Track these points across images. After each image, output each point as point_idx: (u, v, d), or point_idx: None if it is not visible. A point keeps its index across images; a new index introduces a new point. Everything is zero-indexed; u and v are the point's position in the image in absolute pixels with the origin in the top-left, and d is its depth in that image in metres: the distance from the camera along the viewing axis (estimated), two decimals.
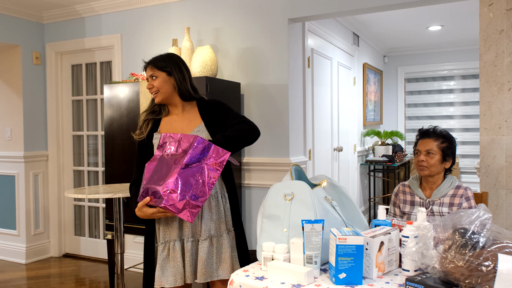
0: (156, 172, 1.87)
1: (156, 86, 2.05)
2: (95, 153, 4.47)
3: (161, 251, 1.98)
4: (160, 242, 2.00)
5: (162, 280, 1.94)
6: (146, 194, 1.86)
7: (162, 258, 1.98)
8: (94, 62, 4.43)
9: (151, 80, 2.07)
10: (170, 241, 1.98)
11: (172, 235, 1.98)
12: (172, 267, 1.96)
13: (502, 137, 2.70)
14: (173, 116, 2.11)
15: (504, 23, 2.67)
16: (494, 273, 1.18)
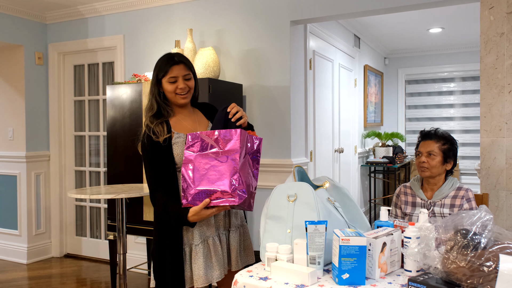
0: (203, 174, 1.84)
1: (190, 86, 2.02)
2: (97, 154, 4.49)
3: (201, 249, 1.93)
4: (196, 242, 1.93)
5: (208, 277, 1.93)
6: (200, 197, 1.83)
7: (204, 256, 1.93)
8: (96, 63, 4.45)
9: (184, 80, 1.99)
10: (209, 238, 1.97)
11: (210, 231, 1.98)
12: (216, 261, 1.96)
13: (503, 139, 2.72)
14: (179, 117, 2.06)
15: (505, 26, 2.69)
16: (496, 273, 1.20)
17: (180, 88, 1.98)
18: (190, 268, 1.94)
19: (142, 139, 1.99)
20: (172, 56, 2.01)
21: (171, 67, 1.98)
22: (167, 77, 1.97)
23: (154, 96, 2.01)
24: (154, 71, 2.02)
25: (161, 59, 2.03)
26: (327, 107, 4.47)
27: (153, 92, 2.01)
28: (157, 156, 1.94)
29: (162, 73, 1.98)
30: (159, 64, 2.02)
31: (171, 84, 1.98)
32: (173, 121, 2.03)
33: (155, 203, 1.93)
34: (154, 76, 2.01)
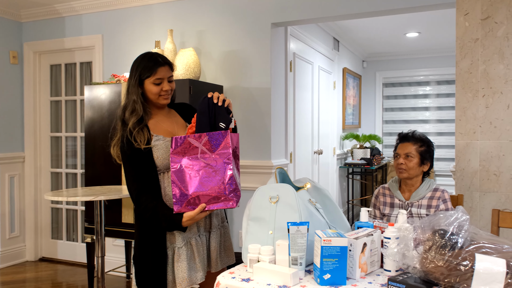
0: (195, 178, 1.82)
1: (173, 88, 1.99)
2: (74, 155, 4.41)
3: (184, 251, 1.91)
4: (179, 245, 1.91)
5: (192, 279, 1.91)
6: (194, 202, 1.82)
7: (187, 258, 1.91)
8: (73, 63, 4.38)
9: (169, 82, 1.96)
10: (191, 239, 1.95)
11: (192, 232, 1.96)
12: (199, 262, 1.95)
13: (477, 141, 2.80)
14: (157, 119, 2.01)
15: (479, 32, 2.77)
16: (472, 272, 1.24)
17: (165, 90, 1.95)
18: (172, 271, 1.92)
19: (122, 144, 1.92)
20: (156, 57, 1.95)
21: (157, 68, 1.93)
22: (152, 78, 1.92)
23: (138, 98, 1.92)
24: (136, 70, 1.94)
25: (143, 58, 1.96)
26: (306, 109, 4.51)
27: (135, 94, 1.93)
28: (139, 161, 1.90)
29: (147, 74, 1.92)
30: (142, 64, 1.94)
31: (156, 86, 1.93)
32: (151, 123, 1.98)
33: (142, 207, 1.88)
34: (136, 77, 1.93)
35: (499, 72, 2.73)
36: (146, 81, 1.94)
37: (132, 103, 1.93)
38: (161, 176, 1.95)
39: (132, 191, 1.90)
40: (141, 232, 1.95)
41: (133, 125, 1.90)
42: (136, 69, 1.94)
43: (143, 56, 1.98)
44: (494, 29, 2.74)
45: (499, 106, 2.74)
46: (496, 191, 2.74)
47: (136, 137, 1.88)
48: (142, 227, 1.94)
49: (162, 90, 1.95)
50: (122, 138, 1.92)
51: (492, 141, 2.76)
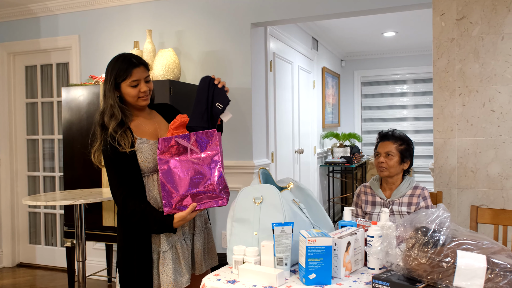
0: (184, 178, 1.81)
1: (150, 88, 1.96)
2: (52, 158, 4.33)
3: (169, 255, 1.89)
4: (164, 249, 1.89)
5: (178, 283, 1.90)
6: (185, 202, 1.82)
7: (173, 262, 1.89)
8: (50, 64, 4.29)
9: (146, 83, 1.92)
10: (177, 242, 1.94)
11: (177, 235, 1.95)
12: (185, 266, 1.94)
13: (454, 139, 2.86)
14: (139, 121, 1.97)
15: (455, 32, 2.83)
16: (454, 268, 1.26)
17: (143, 92, 1.91)
18: (157, 275, 1.90)
19: (104, 148, 1.87)
20: (130, 58, 1.90)
21: (132, 70, 1.88)
22: (128, 81, 1.88)
23: (115, 103, 1.88)
24: (110, 74, 1.88)
25: (117, 61, 1.90)
26: (287, 108, 4.53)
27: (112, 98, 1.87)
28: (124, 165, 1.86)
29: (123, 77, 1.87)
30: (116, 66, 1.88)
31: (133, 88, 1.89)
32: (133, 126, 1.94)
33: (129, 211, 1.84)
34: (111, 81, 1.87)
35: (474, 71, 2.80)
36: (123, 84, 1.89)
37: (110, 107, 1.87)
38: (145, 179, 1.92)
39: (118, 195, 1.86)
40: (125, 236, 1.91)
41: (114, 129, 1.85)
42: (111, 73, 1.89)
43: (116, 58, 1.92)
44: (469, 29, 2.80)
45: (475, 104, 2.80)
46: (473, 188, 2.81)
47: (119, 141, 1.84)
48: (127, 231, 1.91)
49: (140, 91, 1.91)
50: (105, 143, 1.87)
51: (468, 139, 2.82)
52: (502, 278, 1.22)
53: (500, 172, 2.75)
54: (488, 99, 2.78)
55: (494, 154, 2.77)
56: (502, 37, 2.74)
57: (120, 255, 1.93)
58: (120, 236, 1.94)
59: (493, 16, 2.75)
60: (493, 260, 1.25)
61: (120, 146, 1.84)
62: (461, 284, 1.24)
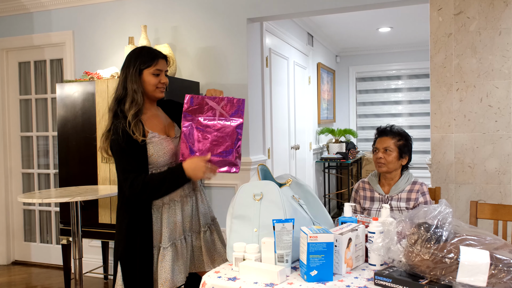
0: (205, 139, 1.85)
1: (167, 83, 2.01)
2: (46, 155, 4.28)
3: (169, 252, 1.89)
4: (164, 245, 1.89)
5: (174, 281, 1.89)
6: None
7: (171, 259, 1.89)
8: (43, 60, 4.24)
9: (164, 75, 1.98)
10: (177, 240, 1.94)
11: (178, 233, 1.95)
12: (182, 264, 1.94)
13: (451, 134, 2.86)
14: (149, 115, 1.99)
15: (452, 27, 2.83)
16: (457, 264, 1.26)
17: (163, 83, 1.96)
18: (156, 270, 1.90)
19: (116, 135, 1.85)
20: (155, 49, 1.99)
21: (158, 59, 1.94)
22: (152, 68, 1.92)
23: (138, 88, 1.90)
24: (135, 60, 1.93)
25: (143, 50, 1.97)
26: (283, 104, 4.51)
27: (136, 83, 1.90)
28: (134, 152, 1.85)
29: (148, 63, 1.92)
30: (142, 54, 1.94)
31: (154, 77, 1.94)
32: (144, 119, 1.95)
33: (141, 185, 1.80)
34: (136, 66, 1.91)
35: (472, 66, 2.80)
36: (145, 71, 1.93)
37: (132, 93, 1.90)
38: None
39: (126, 179, 1.83)
40: (129, 231, 1.89)
41: (132, 117, 1.86)
42: (136, 59, 1.94)
43: (141, 48, 2.00)
44: (467, 24, 2.80)
45: (473, 100, 2.80)
46: (471, 183, 2.82)
47: (134, 130, 1.84)
48: (130, 225, 1.89)
49: (160, 82, 1.95)
50: (116, 129, 1.85)
51: (466, 134, 2.82)
52: (506, 274, 1.22)
53: (497, 167, 2.76)
54: (485, 94, 2.78)
55: (492, 149, 2.77)
56: (499, 32, 2.73)
57: (123, 249, 1.90)
58: (122, 232, 1.92)
59: (490, 11, 2.75)
60: (496, 256, 1.25)
61: (134, 134, 1.84)
62: (465, 280, 1.23)
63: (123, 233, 1.92)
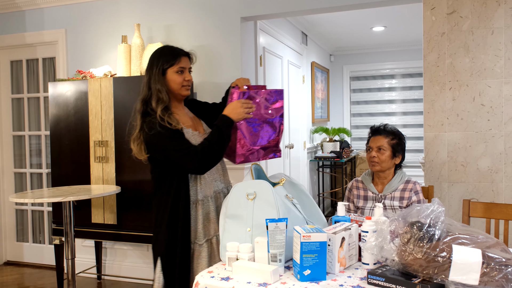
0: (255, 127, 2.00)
1: (192, 81, 2.05)
2: (39, 154, 4.25)
3: (205, 249, 1.95)
4: (200, 241, 1.95)
5: None
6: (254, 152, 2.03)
7: (207, 256, 1.95)
8: (36, 58, 4.21)
9: (189, 73, 2.01)
10: (213, 237, 1.98)
11: (213, 230, 2.00)
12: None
13: (444, 133, 2.87)
14: (178, 112, 2.02)
15: (445, 26, 2.84)
16: (449, 263, 1.26)
17: (187, 80, 1.98)
18: (193, 267, 1.94)
19: (154, 131, 1.86)
20: (177, 47, 2.01)
21: (180, 57, 1.97)
22: (176, 67, 1.95)
23: (163, 88, 1.93)
24: (158, 60, 1.96)
25: (164, 49, 2.00)
26: None
27: (160, 83, 1.93)
28: (179, 136, 1.89)
29: (171, 62, 1.95)
30: (165, 53, 1.97)
31: (179, 75, 1.96)
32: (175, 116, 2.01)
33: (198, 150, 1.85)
34: (159, 66, 1.94)
35: (464, 65, 2.81)
36: (169, 70, 1.96)
37: (157, 92, 1.93)
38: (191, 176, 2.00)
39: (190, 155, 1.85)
40: (170, 227, 1.92)
41: (162, 112, 1.89)
42: (159, 59, 1.96)
43: (163, 47, 2.02)
44: (460, 23, 2.81)
45: (465, 99, 2.82)
46: (463, 181, 2.83)
47: (169, 121, 1.88)
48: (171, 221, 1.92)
49: (184, 80, 1.98)
50: (153, 125, 1.87)
51: (459, 133, 2.84)
52: (498, 272, 1.22)
53: (490, 166, 2.77)
54: (478, 93, 2.79)
55: (484, 148, 2.79)
56: (492, 32, 2.75)
57: (163, 244, 1.92)
58: (163, 228, 1.94)
59: (483, 10, 2.76)
60: (489, 254, 1.25)
61: (171, 124, 1.87)
62: (457, 279, 1.24)
63: (163, 229, 1.93)
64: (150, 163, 2.00)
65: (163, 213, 1.95)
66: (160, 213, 1.96)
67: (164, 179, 1.96)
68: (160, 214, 1.96)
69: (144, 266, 3.69)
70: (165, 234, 1.93)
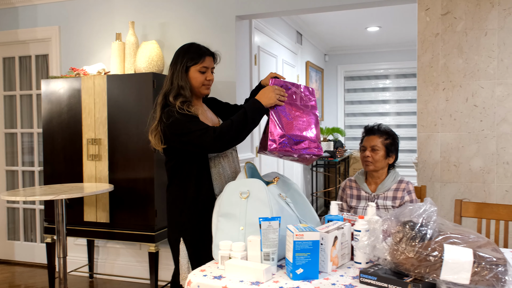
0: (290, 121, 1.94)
1: (213, 80, 2.07)
2: (31, 152, 4.22)
3: None
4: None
5: None
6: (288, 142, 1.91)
7: None
8: (28, 55, 4.18)
9: (211, 73, 2.04)
10: None
11: None
12: None
13: (437, 133, 2.89)
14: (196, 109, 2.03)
15: (440, 27, 2.85)
16: (441, 262, 1.27)
17: (209, 80, 2.01)
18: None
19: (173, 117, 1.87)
20: (203, 46, 2.04)
21: (205, 56, 2.00)
22: (199, 66, 1.98)
23: (186, 84, 1.96)
24: (183, 57, 1.99)
25: (191, 47, 2.02)
26: None
27: (184, 79, 1.96)
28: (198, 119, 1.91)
29: (195, 60, 1.97)
30: (190, 51, 1.99)
31: (201, 74, 1.99)
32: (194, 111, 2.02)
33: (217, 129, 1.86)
34: (183, 63, 1.97)
35: (458, 66, 2.82)
36: (192, 68, 1.99)
37: (178, 88, 1.96)
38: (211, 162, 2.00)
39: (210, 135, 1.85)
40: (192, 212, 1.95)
41: (181, 103, 1.91)
42: (183, 56, 1.99)
43: (189, 44, 2.04)
44: (454, 24, 2.82)
45: (458, 99, 2.83)
46: (456, 182, 2.84)
47: (188, 109, 1.90)
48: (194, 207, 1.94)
49: (206, 79, 2.01)
50: (171, 113, 1.89)
51: (452, 133, 2.85)
52: (488, 272, 1.23)
53: (482, 166, 2.79)
54: (471, 94, 2.80)
55: (477, 149, 2.80)
56: (485, 33, 2.76)
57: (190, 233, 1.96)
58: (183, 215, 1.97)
59: (477, 11, 2.77)
60: (480, 254, 1.26)
61: (190, 112, 1.90)
62: (448, 278, 1.24)
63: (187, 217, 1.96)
64: (166, 154, 2.02)
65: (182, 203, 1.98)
66: (177, 203, 1.99)
67: (181, 170, 1.99)
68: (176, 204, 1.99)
69: (136, 264, 3.67)
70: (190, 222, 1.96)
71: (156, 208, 3.04)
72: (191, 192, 1.97)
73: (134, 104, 3.06)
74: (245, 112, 1.89)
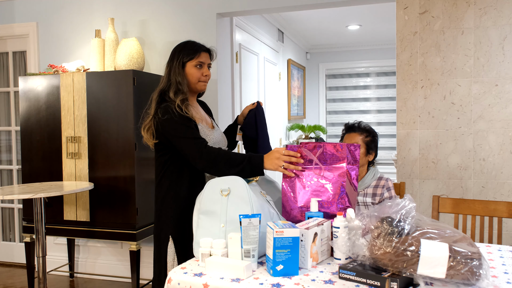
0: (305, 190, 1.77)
1: (210, 76, 2.07)
2: (9, 150, 4.14)
3: None
4: None
5: None
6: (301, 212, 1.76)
7: None
8: (5, 52, 4.09)
9: (207, 68, 2.05)
10: None
11: None
12: None
13: (416, 131, 2.93)
14: (191, 104, 2.04)
15: (418, 26, 2.90)
16: (418, 257, 1.29)
17: (205, 75, 2.02)
18: None
19: (169, 114, 1.87)
20: (199, 43, 2.06)
21: (200, 52, 2.01)
22: (195, 61, 1.99)
23: (183, 80, 1.98)
24: (179, 53, 2.01)
25: (187, 43, 2.04)
26: (253, 100, 4.51)
27: (181, 75, 1.98)
28: (192, 126, 1.90)
29: (191, 56, 1.99)
30: (186, 47, 2.02)
31: (197, 70, 2.00)
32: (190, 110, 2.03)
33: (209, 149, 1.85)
34: (180, 59, 1.99)
35: (436, 64, 2.87)
36: (188, 63, 2.00)
37: (176, 84, 1.96)
38: None
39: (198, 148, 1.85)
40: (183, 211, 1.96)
41: (181, 102, 1.92)
42: (179, 53, 2.01)
43: (186, 41, 2.08)
44: (431, 23, 2.87)
45: (436, 97, 2.88)
46: (434, 178, 2.90)
47: (186, 110, 1.90)
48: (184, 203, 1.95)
49: (202, 75, 2.01)
50: (168, 109, 1.88)
51: (430, 131, 2.90)
52: (464, 266, 1.26)
53: (459, 163, 2.85)
54: (448, 92, 2.86)
55: (454, 146, 2.86)
56: (462, 32, 2.82)
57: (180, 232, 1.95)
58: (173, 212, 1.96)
59: (453, 10, 2.82)
60: (455, 248, 1.29)
61: (187, 113, 1.90)
62: (425, 272, 1.27)
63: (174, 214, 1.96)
64: (158, 149, 2.01)
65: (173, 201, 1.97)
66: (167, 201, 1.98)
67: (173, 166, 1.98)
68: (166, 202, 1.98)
69: (118, 263, 3.64)
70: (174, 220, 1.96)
71: (137, 206, 3.02)
72: (183, 190, 1.97)
73: (114, 101, 3.03)
74: (248, 159, 1.83)
